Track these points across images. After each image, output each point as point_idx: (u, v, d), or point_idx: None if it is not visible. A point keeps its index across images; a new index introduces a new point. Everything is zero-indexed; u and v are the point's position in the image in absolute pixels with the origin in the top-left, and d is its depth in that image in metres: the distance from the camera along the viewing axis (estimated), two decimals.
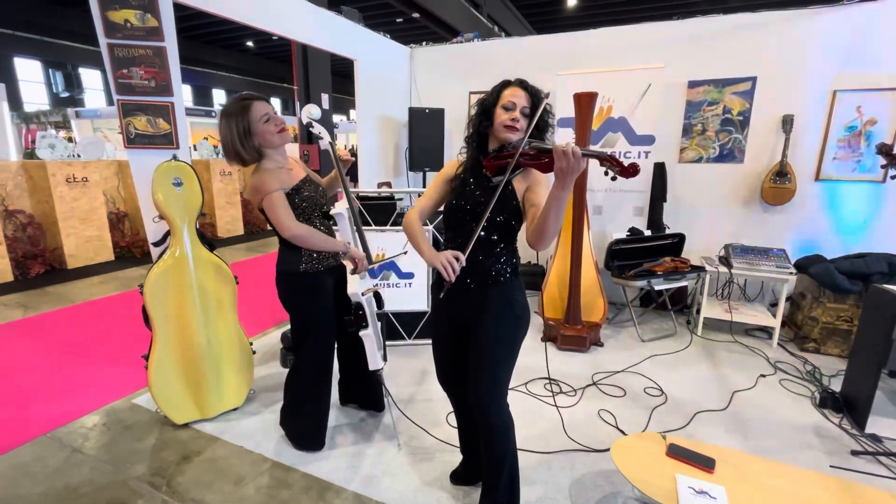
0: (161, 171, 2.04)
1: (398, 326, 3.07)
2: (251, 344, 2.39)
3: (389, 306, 3.03)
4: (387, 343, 3.07)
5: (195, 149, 7.25)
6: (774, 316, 3.15)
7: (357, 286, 1.85)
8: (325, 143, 1.90)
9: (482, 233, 1.40)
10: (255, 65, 20.76)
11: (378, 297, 2.00)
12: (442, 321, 1.59)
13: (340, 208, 1.85)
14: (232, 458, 1.99)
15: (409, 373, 2.73)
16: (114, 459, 1.96)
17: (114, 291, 4.29)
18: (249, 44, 18.87)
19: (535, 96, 1.38)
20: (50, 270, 4.85)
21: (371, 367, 1.92)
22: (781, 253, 3.18)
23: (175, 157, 2.11)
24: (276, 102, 23.00)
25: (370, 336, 1.89)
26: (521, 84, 1.39)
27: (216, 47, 18.79)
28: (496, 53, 4.30)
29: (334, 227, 1.93)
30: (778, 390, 2.57)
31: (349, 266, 1.90)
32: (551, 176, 1.30)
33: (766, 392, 2.55)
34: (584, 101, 2.75)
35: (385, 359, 2.00)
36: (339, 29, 3.72)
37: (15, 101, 14.13)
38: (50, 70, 15.02)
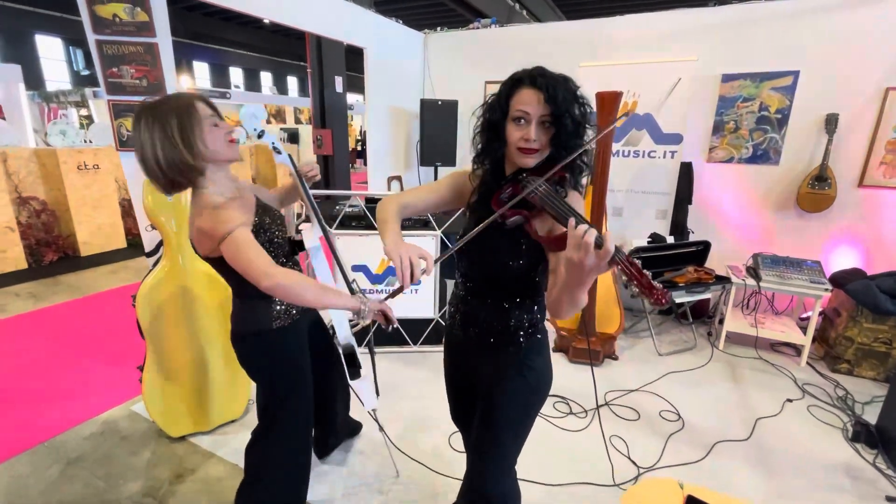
0: None
1: (404, 333, 2.97)
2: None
3: (396, 313, 2.91)
4: (393, 350, 2.99)
5: None
6: (805, 332, 2.95)
7: (346, 328, 1.60)
8: (282, 157, 1.48)
9: (489, 284, 1.15)
10: (272, 42, 20.50)
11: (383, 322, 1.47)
12: (451, 366, 1.38)
13: (313, 238, 1.46)
14: (226, 478, 1.93)
15: (413, 383, 2.64)
16: (107, 475, 1.93)
17: (123, 282, 4.28)
18: (266, 21, 18.60)
19: (555, 101, 0.96)
20: (63, 257, 4.88)
21: (367, 408, 1.77)
22: (816, 265, 2.96)
23: None
24: (292, 81, 22.84)
25: (363, 377, 1.70)
26: (534, 82, 0.99)
27: (233, 24, 18.58)
28: (514, 41, 4.05)
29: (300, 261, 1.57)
30: (806, 419, 2.39)
31: (368, 321, 1.33)
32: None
33: (793, 420, 2.38)
34: (608, 101, 2.53)
35: (378, 393, 1.86)
36: (348, 16, 3.52)
37: (37, 79, 14.29)
38: (71, 48, 15.08)
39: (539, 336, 1.19)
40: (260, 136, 1.45)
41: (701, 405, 2.49)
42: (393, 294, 1.07)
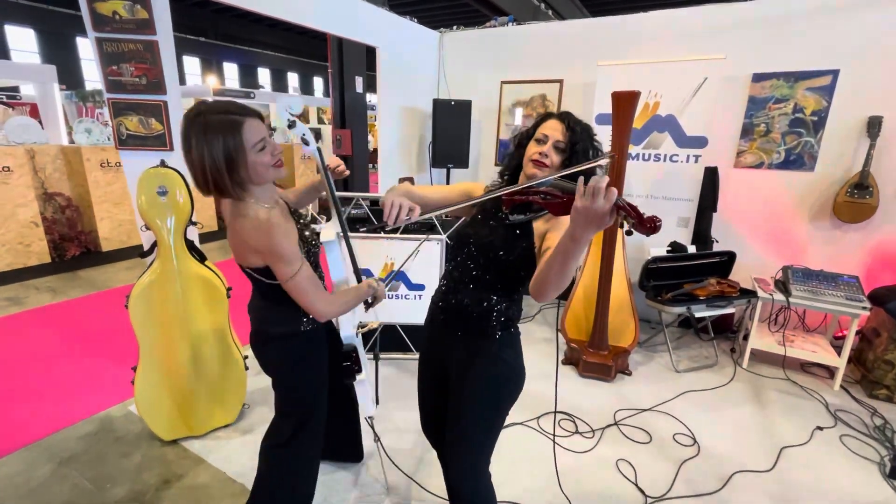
0: (145, 178, 1.90)
1: (406, 339, 2.88)
2: (245, 358, 2.27)
3: (398, 319, 2.84)
4: (395, 356, 2.91)
5: None
6: (839, 353, 2.71)
7: (351, 327, 1.56)
8: (311, 148, 1.44)
9: (477, 272, 1.23)
10: (299, 44, 20.84)
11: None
12: (426, 363, 1.43)
13: (330, 234, 1.46)
14: (213, 486, 1.88)
15: (414, 394, 2.53)
16: (96, 478, 1.90)
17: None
18: (285, 19, 18.85)
19: (573, 130, 1.18)
20: (85, 253, 5.00)
21: (365, 415, 1.70)
22: (854, 281, 2.72)
23: (163, 163, 1.96)
24: (318, 82, 23.16)
25: (363, 381, 1.63)
26: (561, 117, 1.21)
27: (262, 26, 18.97)
28: (532, 39, 3.91)
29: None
30: (837, 450, 2.19)
31: (380, 301, 1.49)
32: None
33: (823, 451, 2.17)
34: (624, 102, 2.38)
35: (377, 401, 1.78)
36: (360, 15, 3.46)
37: (77, 80, 14.90)
38: None
39: (513, 332, 1.26)
40: (291, 127, 1.42)
41: (719, 429, 2.31)
42: (375, 228, 1.14)
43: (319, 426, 1.53)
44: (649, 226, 0.82)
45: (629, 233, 0.87)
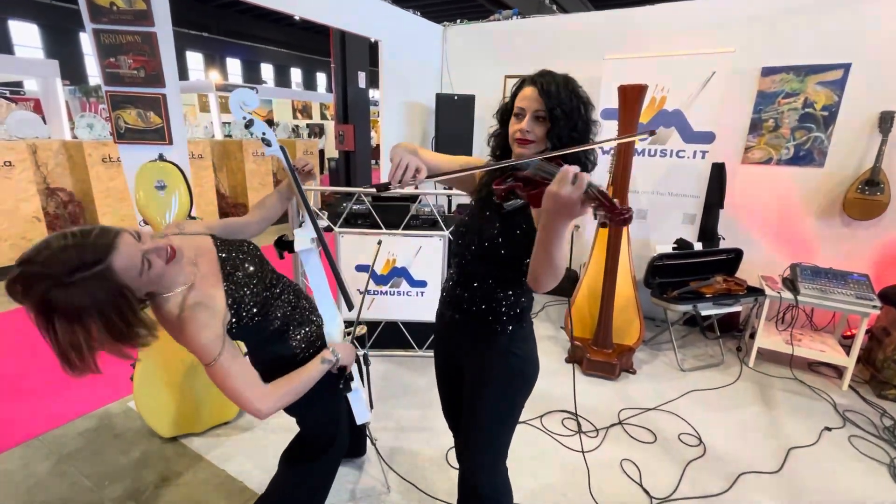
0: (143, 172, 1.87)
1: (408, 337, 2.85)
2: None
3: (400, 315, 2.81)
4: (396, 353, 2.88)
5: (228, 126, 7.24)
6: (848, 352, 2.67)
7: (337, 334, 1.40)
8: (273, 149, 1.32)
9: (481, 267, 1.18)
10: (303, 39, 20.79)
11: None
12: (440, 361, 1.41)
13: (305, 241, 1.33)
14: (211, 485, 1.86)
15: (415, 391, 2.52)
16: (95, 474, 1.89)
17: None
18: (297, 17, 18.82)
19: (547, 94, 1.03)
20: None
21: (359, 422, 1.65)
22: (864, 279, 2.67)
23: (161, 157, 1.94)
24: (321, 77, 23.11)
25: (357, 389, 1.54)
26: (534, 81, 1.08)
27: (265, 21, 18.93)
28: (537, 33, 3.86)
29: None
30: (846, 451, 2.15)
31: (348, 364, 1.34)
32: None
33: (831, 452, 2.14)
34: (631, 95, 2.34)
35: (371, 405, 1.74)
36: (363, 8, 3.42)
37: (80, 75, 14.90)
38: None
39: (524, 325, 1.22)
40: (248, 126, 1.29)
41: (725, 429, 2.27)
42: (379, 187, 1.04)
43: (340, 451, 1.48)
44: (619, 218, 0.76)
45: (603, 224, 0.80)
